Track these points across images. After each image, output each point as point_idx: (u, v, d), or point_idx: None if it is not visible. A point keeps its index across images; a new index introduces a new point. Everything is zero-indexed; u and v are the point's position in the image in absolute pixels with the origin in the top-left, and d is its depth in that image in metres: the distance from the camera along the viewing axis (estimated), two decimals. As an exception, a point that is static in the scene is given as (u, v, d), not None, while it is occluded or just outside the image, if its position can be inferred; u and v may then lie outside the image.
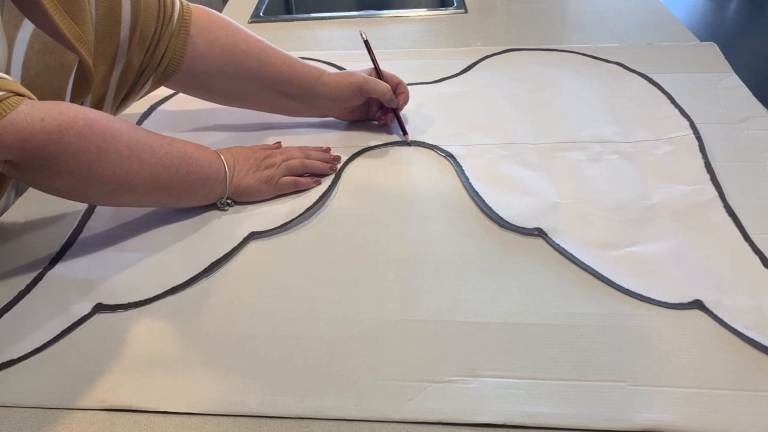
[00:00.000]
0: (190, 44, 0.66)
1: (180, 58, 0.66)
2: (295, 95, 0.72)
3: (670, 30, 0.97)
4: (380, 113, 0.75)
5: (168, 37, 0.64)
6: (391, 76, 0.74)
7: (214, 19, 0.68)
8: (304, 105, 0.73)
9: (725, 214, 0.59)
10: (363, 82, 0.70)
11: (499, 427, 0.43)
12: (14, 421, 0.45)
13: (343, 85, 0.71)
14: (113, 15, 0.59)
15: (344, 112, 0.75)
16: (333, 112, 0.76)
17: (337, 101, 0.73)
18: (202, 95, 0.73)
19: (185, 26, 0.65)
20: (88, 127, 0.50)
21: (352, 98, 0.72)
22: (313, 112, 0.75)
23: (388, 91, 0.71)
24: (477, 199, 0.62)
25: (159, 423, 0.44)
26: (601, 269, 0.54)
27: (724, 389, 0.44)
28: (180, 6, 0.66)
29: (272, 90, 0.71)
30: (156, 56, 0.64)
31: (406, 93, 0.74)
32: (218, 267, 0.57)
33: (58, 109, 0.49)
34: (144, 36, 0.62)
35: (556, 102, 0.78)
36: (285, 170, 0.65)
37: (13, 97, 0.46)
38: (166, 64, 0.66)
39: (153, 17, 0.63)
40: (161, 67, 0.66)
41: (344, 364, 0.47)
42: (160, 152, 0.56)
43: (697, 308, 0.50)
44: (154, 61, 0.65)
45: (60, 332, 0.51)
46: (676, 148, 0.68)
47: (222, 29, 0.68)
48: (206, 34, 0.67)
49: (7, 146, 0.46)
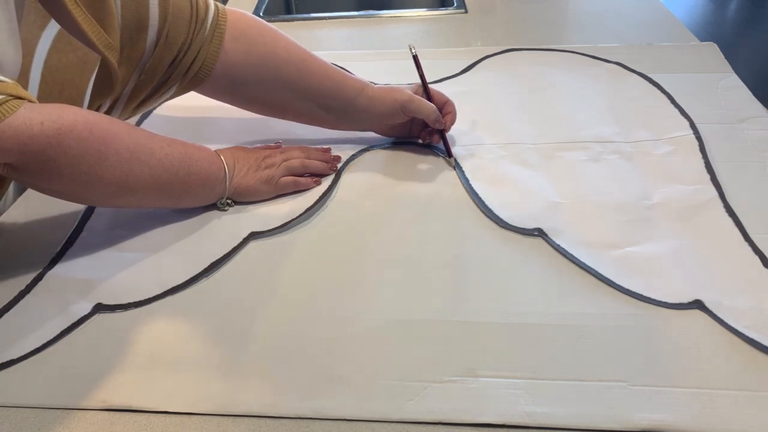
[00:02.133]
0: (224, 51, 0.62)
1: (211, 65, 0.63)
2: (335, 108, 0.68)
3: (670, 30, 0.97)
4: (425, 133, 0.70)
5: (200, 43, 0.61)
6: (439, 95, 0.69)
7: (252, 24, 0.65)
8: (344, 119, 0.70)
9: (725, 214, 0.59)
10: (408, 100, 0.65)
11: (499, 427, 0.43)
12: (14, 421, 0.45)
13: (387, 101, 0.66)
14: (140, 20, 0.57)
15: (386, 128, 0.71)
16: (374, 128, 0.72)
17: (379, 117, 0.69)
18: (237, 103, 0.70)
19: (220, 32, 0.62)
20: (87, 131, 0.50)
21: (394, 115, 0.67)
22: (353, 126, 0.72)
23: (434, 112, 0.66)
24: (477, 199, 0.62)
25: (159, 423, 0.44)
26: (602, 269, 0.54)
27: (724, 389, 0.44)
28: (215, 10, 0.63)
29: (312, 102, 0.67)
30: (184, 63, 0.62)
31: (454, 113, 0.69)
32: (218, 267, 0.57)
33: (58, 113, 0.48)
34: (172, 42, 0.60)
35: (556, 102, 0.78)
36: (285, 170, 0.65)
37: (12, 100, 0.46)
38: (195, 70, 0.63)
39: (184, 22, 0.60)
40: (190, 73, 0.63)
41: (344, 364, 0.47)
42: (160, 154, 0.55)
43: (697, 308, 0.50)
44: (182, 68, 0.62)
45: (60, 332, 0.51)
46: (676, 148, 0.68)
47: (261, 35, 0.64)
48: (243, 39, 0.63)
49: (5, 150, 0.46)
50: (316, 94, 0.67)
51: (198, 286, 0.55)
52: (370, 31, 1.05)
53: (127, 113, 0.64)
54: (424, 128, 0.70)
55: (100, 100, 0.58)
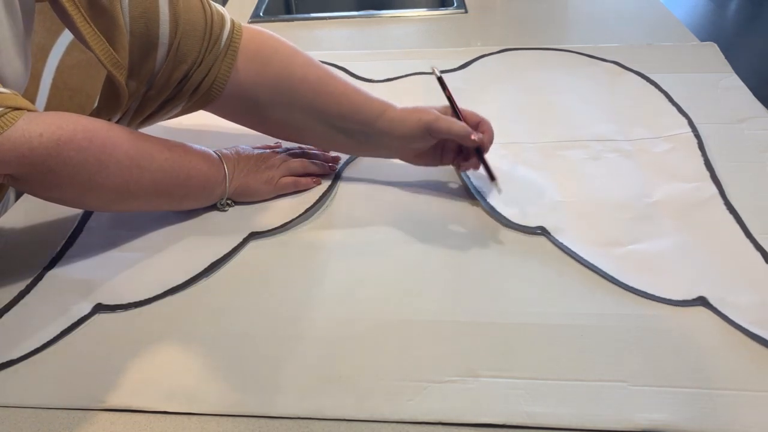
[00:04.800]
0: (236, 70, 0.59)
1: (222, 84, 0.59)
2: (354, 131, 0.62)
3: (670, 30, 0.97)
4: (460, 158, 0.62)
5: (212, 60, 0.58)
6: (471, 114, 0.62)
7: (267, 41, 0.61)
8: (365, 144, 0.64)
9: (726, 211, 0.59)
10: (434, 119, 0.58)
11: (499, 427, 0.43)
12: (14, 421, 0.45)
13: (410, 121, 0.59)
14: (150, 37, 0.54)
15: (411, 154, 0.63)
16: (398, 154, 0.64)
17: (403, 140, 0.61)
18: (250, 124, 0.66)
19: (233, 49, 0.58)
20: (87, 140, 0.49)
21: (419, 138, 0.60)
22: (373, 151, 0.66)
23: (465, 129, 0.58)
24: (479, 198, 0.62)
25: (159, 423, 0.44)
26: (605, 267, 0.54)
27: (724, 389, 0.44)
28: (231, 26, 0.59)
29: (328, 125, 0.62)
30: (194, 80, 0.58)
31: (491, 131, 0.61)
32: (218, 267, 0.57)
33: (57, 123, 0.48)
34: (182, 59, 0.56)
35: (556, 101, 0.78)
36: (285, 170, 0.65)
37: (10, 112, 0.45)
38: (205, 89, 0.59)
39: (197, 39, 0.56)
40: (199, 92, 0.59)
41: (344, 364, 0.47)
42: (160, 158, 0.55)
43: (701, 305, 0.50)
44: (191, 85, 0.58)
45: (60, 332, 0.51)
46: (675, 146, 0.68)
47: (276, 53, 0.60)
48: (258, 59, 0.60)
49: (5, 162, 0.46)
50: (333, 117, 0.61)
51: (198, 286, 0.55)
52: (370, 31, 1.05)
53: (133, 126, 0.62)
54: (457, 155, 0.63)
55: (107, 115, 0.57)
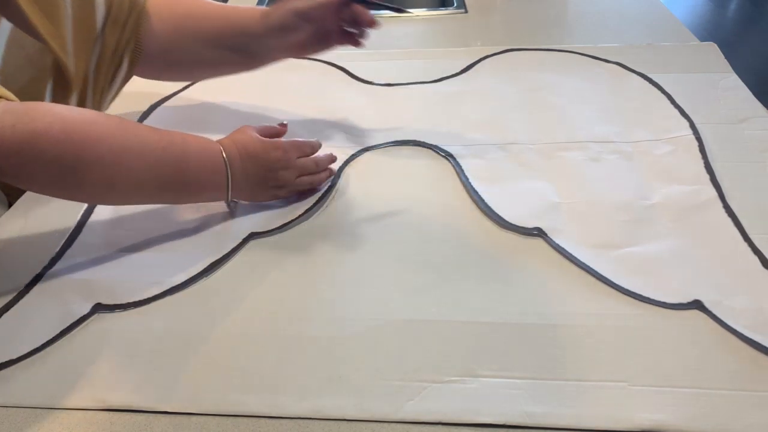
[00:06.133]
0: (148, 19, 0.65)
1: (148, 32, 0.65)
2: (238, 46, 0.66)
3: (670, 30, 0.97)
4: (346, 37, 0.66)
5: (138, 11, 0.64)
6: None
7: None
8: (251, 55, 0.68)
9: (725, 215, 0.59)
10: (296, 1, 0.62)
11: (499, 427, 0.43)
12: (14, 421, 0.45)
13: (278, 13, 0.63)
14: (87, 3, 0.59)
15: (295, 47, 0.67)
16: (284, 53, 0.68)
17: (281, 35, 0.64)
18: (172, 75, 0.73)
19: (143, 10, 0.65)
20: (63, 134, 0.47)
21: (293, 27, 0.63)
22: (263, 59, 0.69)
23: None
24: (477, 198, 0.62)
25: (159, 423, 0.44)
26: (601, 269, 0.54)
27: (724, 389, 0.44)
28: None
29: (219, 48, 0.67)
30: (126, 32, 0.64)
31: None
32: (218, 267, 0.57)
33: (32, 115, 0.46)
34: (117, 18, 0.62)
35: (556, 102, 0.78)
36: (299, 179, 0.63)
37: None
38: (136, 40, 0.65)
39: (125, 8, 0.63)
40: (131, 43, 0.65)
41: (344, 364, 0.47)
42: (151, 158, 0.52)
43: (696, 308, 0.50)
44: (125, 38, 0.64)
45: (59, 332, 0.51)
46: (675, 149, 0.68)
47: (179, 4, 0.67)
48: (165, 14, 0.66)
49: None
50: (218, 38, 0.66)
51: (198, 286, 0.55)
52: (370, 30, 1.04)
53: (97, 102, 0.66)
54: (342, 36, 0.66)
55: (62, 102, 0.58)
